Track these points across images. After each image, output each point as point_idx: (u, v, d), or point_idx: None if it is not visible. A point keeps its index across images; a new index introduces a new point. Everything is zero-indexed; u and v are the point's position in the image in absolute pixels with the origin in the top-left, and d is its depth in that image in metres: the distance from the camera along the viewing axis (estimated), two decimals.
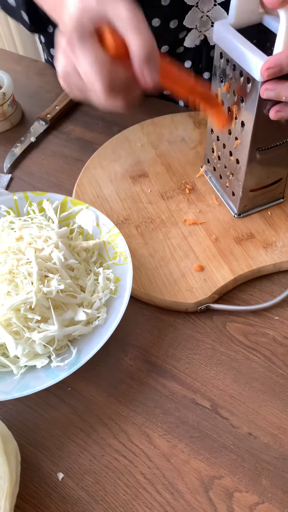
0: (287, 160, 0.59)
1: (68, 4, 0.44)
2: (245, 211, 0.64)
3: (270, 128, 0.53)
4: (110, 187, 0.69)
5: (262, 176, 0.60)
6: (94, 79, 0.43)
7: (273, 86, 0.47)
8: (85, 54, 0.43)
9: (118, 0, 0.43)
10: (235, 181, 0.61)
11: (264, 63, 0.46)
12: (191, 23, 0.72)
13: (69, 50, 0.44)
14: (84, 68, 0.43)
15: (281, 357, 0.54)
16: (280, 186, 0.63)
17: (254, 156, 0.56)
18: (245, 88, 0.51)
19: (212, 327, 0.57)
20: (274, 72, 0.46)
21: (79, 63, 0.43)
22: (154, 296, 0.58)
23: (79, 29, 0.43)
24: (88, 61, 0.43)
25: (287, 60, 0.45)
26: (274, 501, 0.46)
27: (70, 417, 0.51)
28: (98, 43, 0.43)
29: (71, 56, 0.44)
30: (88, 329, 0.53)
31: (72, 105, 0.83)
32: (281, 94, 0.47)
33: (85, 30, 0.43)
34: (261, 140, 0.55)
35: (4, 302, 0.51)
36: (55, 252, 0.54)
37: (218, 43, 0.53)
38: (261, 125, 0.52)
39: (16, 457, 0.45)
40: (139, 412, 0.51)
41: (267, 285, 0.60)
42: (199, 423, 0.50)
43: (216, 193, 0.67)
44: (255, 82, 0.49)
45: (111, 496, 0.47)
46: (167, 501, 0.46)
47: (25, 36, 1.55)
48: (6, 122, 0.80)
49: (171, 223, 0.64)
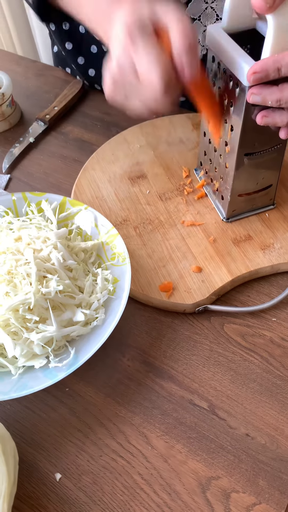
0: (277, 166, 0.59)
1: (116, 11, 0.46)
2: (233, 216, 0.64)
3: (258, 134, 0.53)
4: (108, 188, 0.69)
5: (251, 181, 0.60)
6: (154, 76, 0.43)
7: (259, 91, 0.47)
8: (148, 52, 0.43)
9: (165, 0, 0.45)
10: (224, 185, 0.61)
11: (250, 68, 0.46)
12: (194, 14, 0.71)
13: (130, 48, 0.44)
14: (145, 66, 0.43)
15: (278, 359, 0.54)
16: (270, 193, 0.63)
17: (242, 161, 0.56)
18: (234, 93, 0.51)
19: (209, 328, 0.57)
20: (260, 77, 0.46)
21: (140, 60, 0.44)
22: (152, 297, 0.58)
23: (141, 27, 0.43)
24: (151, 59, 0.43)
25: (273, 65, 0.45)
26: (271, 502, 0.46)
27: (68, 417, 0.52)
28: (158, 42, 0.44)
29: (131, 53, 0.44)
30: (86, 329, 0.53)
31: (71, 106, 0.83)
32: (267, 99, 0.47)
33: (147, 28, 0.44)
34: (249, 146, 0.55)
35: (3, 303, 0.51)
36: (53, 252, 0.54)
37: (210, 46, 0.53)
38: (249, 130, 0.52)
39: (14, 457, 0.46)
40: (136, 412, 0.51)
41: (264, 287, 0.60)
42: (197, 424, 0.50)
43: (208, 196, 0.67)
44: (242, 86, 0.49)
45: (108, 497, 0.47)
46: (164, 502, 0.46)
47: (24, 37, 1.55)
48: (5, 122, 0.80)
49: (169, 224, 0.64)
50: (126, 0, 0.47)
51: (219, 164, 0.60)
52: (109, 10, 0.49)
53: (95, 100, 0.85)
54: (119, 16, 0.46)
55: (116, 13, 0.47)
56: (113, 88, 0.47)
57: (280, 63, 0.45)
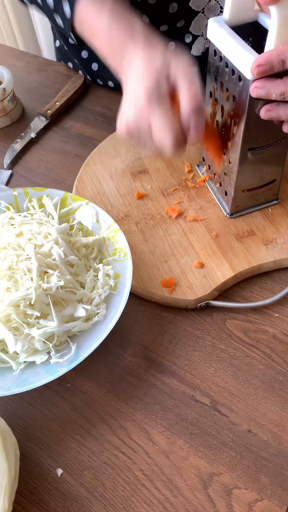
0: (281, 161, 0.59)
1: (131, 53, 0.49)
2: (237, 212, 0.63)
3: (262, 128, 0.53)
4: (110, 183, 0.68)
5: (254, 176, 0.59)
6: (166, 138, 0.47)
7: (263, 84, 0.46)
8: (163, 117, 0.47)
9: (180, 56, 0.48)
10: (227, 180, 0.60)
11: (254, 61, 0.45)
12: (197, 30, 0.71)
13: (146, 108, 0.47)
14: (159, 129, 0.47)
15: (281, 354, 0.54)
16: (274, 188, 0.62)
17: (245, 156, 0.55)
18: (236, 87, 0.50)
19: (212, 324, 0.57)
20: (265, 70, 0.45)
21: (155, 122, 0.47)
22: (154, 293, 0.57)
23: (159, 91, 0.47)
24: (164, 123, 0.47)
25: (278, 58, 0.44)
26: (273, 498, 0.46)
27: (69, 413, 0.51)
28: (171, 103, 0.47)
29: (148, 112, 0.47)
30: (88, 325, 0.53)
31: (73, 101, 0.83)
32: (271, 92, 0.46)
33: (163, 92, 0.47)
34: (252, 140, 0.54)
35: (4, 298, 0.50)
36: (55, 248, 0.54)
37: (212, 39, 0.52)
38: (252, 125, 0.52)
39: (15, 453, 0.45)
40: (138, 408, 0.51)
41: (267, 282, 0.60)
42: (199, 420, 0.50)
43: (210, 192, 0.66)
44: (246, 80, 0.48)
45: (110, 492, 0.47)
46: (166, 498, 0.46)
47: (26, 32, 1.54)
48: (6, 117, 0.80)
49: (171, 220, 0.64)
50: (139, 39, 0.50)
51: (223, 159, 0.60)
52: (123, 44, 0.51)
53: (97, 95, 0.84)
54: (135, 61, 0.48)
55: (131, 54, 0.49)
56: (127, 134, 0.51)
57: (285, 55, 0.44)
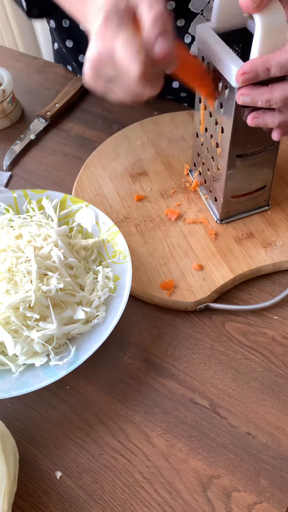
0: (270, 167, 0.59)
1: None
2: (227, 217, 0.63)
3: (250, 135, 0.53)
4: (109, 185, 0.68)
5: (244, 183, 0.59)
6: (131, 62, 0.42)
7: (249, 92, 0.46)
8: (125, 38, 0.42)
9: None
10: (217, 186, 0.60)
11: (239, 69, 0.45)
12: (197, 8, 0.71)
13: (107, 34, 0.43)
14: (123, 51, 0.43)
15: (280, 357, 0.54)
16: (264, 194, 0.62)
17: (233, 163, 0.55)
18: (223, 94, 0.50)
19: (211, 327, 0.57)
20: (250, 77, 0.45)
21: (118, 46, 0.43)
22: (153, 295, 0.57)
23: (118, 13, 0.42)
24: (128, 45, 0.42)
25: (263, 66, 0.44)
26: (272, 501, 0.46)
27: (68, 415, 0.51)
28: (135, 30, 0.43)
29: (108, 39, 0.43)
30: (87, 327, 0.53)
31: (72, 103, 0.83)
32: (256, 99, 0.46)
33: (124, 15, 0.43)
34: (240, 147, 0.54)
35: (3, 301, 0.50)
36: (54, 250, 0.54)
37: (200, 46, 0.52)
38: (240, 132, 0.52)
39: (14, 455, 0.45)
40: (137, 411, 0.51)
41: (266, 285, 0.60)
42: (198, 423, 0.50)
43: (201, 197, 0.66)
44: (232, 87, 0.48)
45: (109, 495, 0.47)
46: (165, 500, 0.46)
47: (26, 33, 1.54)
48: (6, 119, 0.80)
49: (170, 222, 0.64)
50: None
51: (212, 165, 0.60)
52: None
53: (96, 97, 0.84)
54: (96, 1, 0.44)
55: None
56: (92, 74, 0.47)
57: (270, 63, 0.44)
